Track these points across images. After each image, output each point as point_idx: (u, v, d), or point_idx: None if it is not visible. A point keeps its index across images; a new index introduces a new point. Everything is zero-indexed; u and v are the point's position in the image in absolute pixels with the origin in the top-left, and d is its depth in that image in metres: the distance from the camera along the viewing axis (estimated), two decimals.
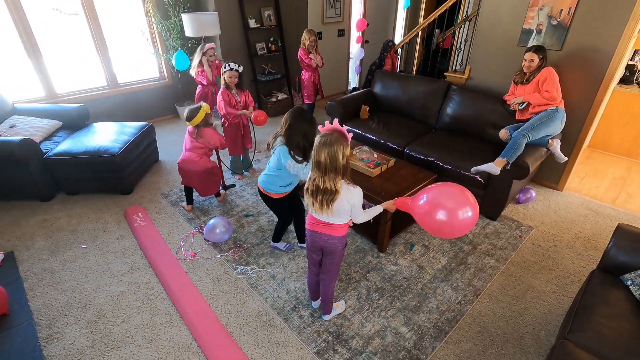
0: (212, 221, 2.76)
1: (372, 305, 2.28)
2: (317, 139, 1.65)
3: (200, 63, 3.72)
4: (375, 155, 2.93)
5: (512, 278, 2.51)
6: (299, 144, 2.14)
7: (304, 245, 2.48)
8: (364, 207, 1.84)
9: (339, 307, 2.23)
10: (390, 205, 1.87)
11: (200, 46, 3.72)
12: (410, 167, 2.89)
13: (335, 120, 1.72)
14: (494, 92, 3.49)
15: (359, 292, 2.37)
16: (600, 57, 2.94)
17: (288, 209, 2.53)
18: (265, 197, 2.41)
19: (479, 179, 2.94)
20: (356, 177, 2.69)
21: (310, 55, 4.13)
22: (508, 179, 2.84)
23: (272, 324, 2.16)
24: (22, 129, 3.32)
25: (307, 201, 1.76)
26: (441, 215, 1.59)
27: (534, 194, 3.30)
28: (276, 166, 2.24)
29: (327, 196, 1.66)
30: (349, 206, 1.72)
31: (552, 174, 3.51)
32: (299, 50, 4.16)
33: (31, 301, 2.30)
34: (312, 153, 1.66)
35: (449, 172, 3.10)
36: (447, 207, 1.59)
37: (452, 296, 2.35)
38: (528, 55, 2.92)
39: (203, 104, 2.88)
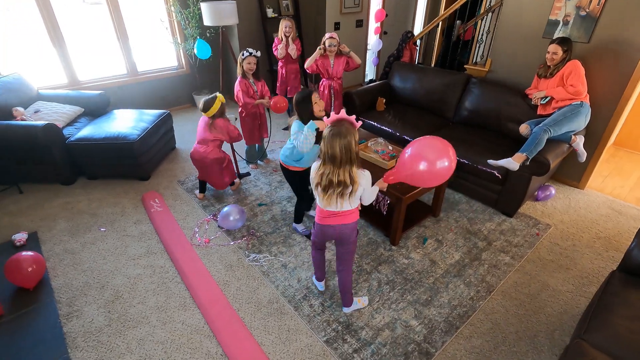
0: (226, 209, 2.80)
1: (382, 297, 2.27)
2: (326, 132, 1.64)
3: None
4: (390, 148, 2.90)
5: (527, 276, 2.46)
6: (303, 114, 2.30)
7: (297, 225, 2.79)
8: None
9: (360, 301, 2.20)
10: (381, 184, 1.94)
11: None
12: None
13: (343, 110, 1.72)
14: (515, 86, 3.39)
15: (369, 284, 2.37)
16: (630, 51, 2.81)
17: (302, 187, 2.60)
18: (283, 169, 2.54)
19: (497, 174, 2.87)
20: (371, 169, 2.65)
21: (279, 46, 3.88)
22: (527, 175, 2.77)
23: (283, 311, 2.19)
24: (46, 114, 3.42)
25: (318, 195, 1.77)
26: (422, 165, 1.77)
27: (553, 192, 3.21)
28: (291, 141, 2.40)
29: (342, 189, 1.66)
30: (362, 189, 1.74)
31: (574, 172, 3.40)
32: (275, 38, 3.94)
33: (53, 280, 2.39)
34: (323, 146, 1.64)
35: (465, 167, 3.04)
36: (426, 157, 1.77)
37: (465, 291, 2.33)
38: (551, 48, 2.81)
39: (218, 94, 2.88)
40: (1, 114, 3.21)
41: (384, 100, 3.94)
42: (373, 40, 5.11)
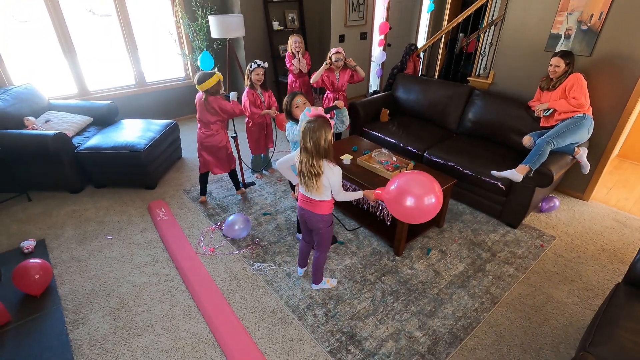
0: (231, 218, 2.83)
1: (386, 308, 2.27)
2: (302, 126, 1.85)
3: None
4: (394, 159, 2.92)
5: (531, 288, 2.45)
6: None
7: (301, 235, 2.67)
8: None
9: (329, 282, 2.41)
10: (370, 194, 2.03)
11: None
12: (429, 171, 2.87)
13: (320, 108, 1.92)
14: (518, 98, 3.43)
15: (373, 294, 2.37)
16: (632, 64, 2.84)
17: None
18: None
19: (500, 185, 2.89)
20: (374, 180, 2.70)
21: (293, 60, 3.98)
22: (530, 187, 2.78)
23: (287, 321, 2.20)
24: (56, 123, 3.50)
25: (300, 182, 1.97)
26: (409, 201, 1.76)
27: (557, 203, 3.21)
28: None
29: (313, 177, 1.87)
30: (328, 183, 1.90)
31: (578, 183, 3.40)
32: (287, 53, 4.08)
33: (60, 287, 2.42)
34: (300, 139, 1.85)
35: (469, 178, 3.06)
36: (414, 193, 1.76)
37: (469, 303, 2.32)
38: (554, 60, 2.85)
39: (217, 71, 2.83)
40: (13, 123, 3.28)
41: (388, 112, 3.99)
42: (377, 52, 5.17)
